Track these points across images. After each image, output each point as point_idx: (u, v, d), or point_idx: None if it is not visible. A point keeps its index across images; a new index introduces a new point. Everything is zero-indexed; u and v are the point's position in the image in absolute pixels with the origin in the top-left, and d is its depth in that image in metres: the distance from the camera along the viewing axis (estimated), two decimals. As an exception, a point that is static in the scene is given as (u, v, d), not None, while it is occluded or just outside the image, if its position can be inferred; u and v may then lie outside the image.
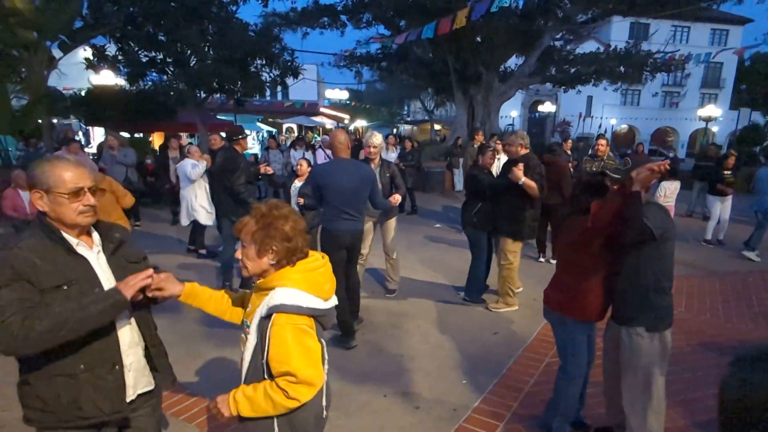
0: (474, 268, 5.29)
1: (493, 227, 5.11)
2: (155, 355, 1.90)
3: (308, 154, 11.89)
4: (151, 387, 1.89)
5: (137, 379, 1.83)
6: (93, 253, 1.74)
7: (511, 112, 35.96)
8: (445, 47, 15.54)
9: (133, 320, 1.82)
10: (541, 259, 6.95)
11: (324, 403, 1.80)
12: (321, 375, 1.69)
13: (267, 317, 1.61)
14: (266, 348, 1.60)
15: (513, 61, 19.27)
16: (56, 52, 12.05)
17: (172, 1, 11.53)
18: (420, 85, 26.07)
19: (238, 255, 1.73)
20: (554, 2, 15.06)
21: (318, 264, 1.76)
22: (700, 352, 4.23)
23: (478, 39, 15.56)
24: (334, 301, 1.80)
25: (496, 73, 17.03)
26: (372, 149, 4.99)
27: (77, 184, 1.65)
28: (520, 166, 4.58)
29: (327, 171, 4.37)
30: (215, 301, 1.92)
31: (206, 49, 12.33)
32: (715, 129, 36.63)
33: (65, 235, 1.67)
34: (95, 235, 1.78)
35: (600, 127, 35.38)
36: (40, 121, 11.86)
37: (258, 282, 1.72)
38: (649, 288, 2.49)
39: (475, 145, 10.36)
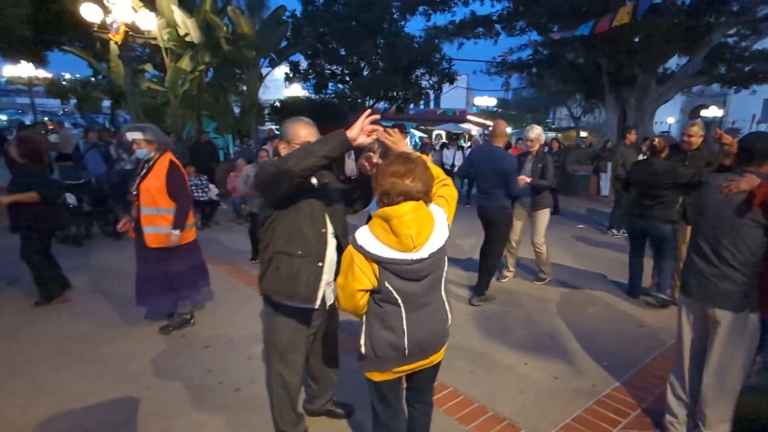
0: (668, 264, 4.61)
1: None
2: None
3: (458, 153, 12.17)
4: (331, 301, 2.29)
5: (328, 284, 2.24)
6: None
7: (667, 119, 31.79)
8: (599, 49, 14.37)
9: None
10: None
11: (406, 345, 1.80)
12: (345, 301, 1.82)
13: None
14: None
15: (674, 61, 17.06)
16: (263, 70, 13.96)
17: (354, 21, 12.57)
18: (569, 91, 24.42)
19: None
20: (729, -6, 12.94)
21: (397, 213, 1.68)
22: None
23: (636, 39, 14.09)
24: (416, 254, 1.73)
25: (653, 75, 15.22)
26: (528, 142, 5.11)
27: (307, 138, 2.12)
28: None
29: (475, 154, 5.21)
30: None
31: (377, 61, 13.21)
32: None
33: None
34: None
35: (778, 131, 29.32)
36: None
37: None
38: None
39: (641, 145, 9.46)
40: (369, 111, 1.89)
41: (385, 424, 2.03)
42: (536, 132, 5.14)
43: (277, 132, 15.61)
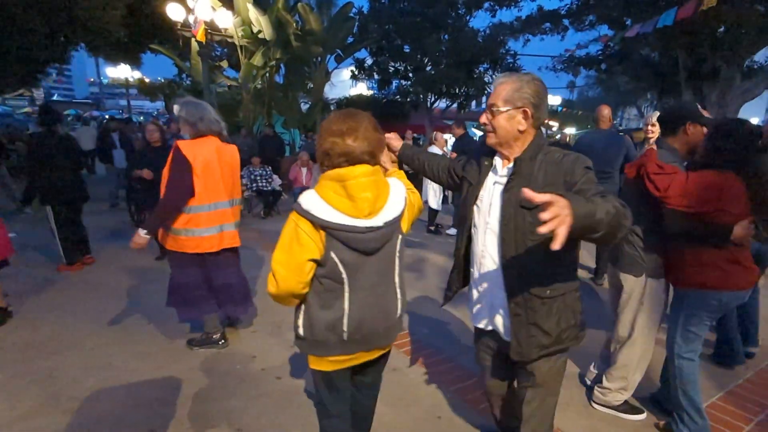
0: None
1: None
2: None
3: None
4: None
5: None
6: None
7: (751, 118, 28.39)
8: (677, 41, 12.92)
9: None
10: None
11: (345, 327, 1.54)
12: (288, 277, 1.45)
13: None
14: None
15: (762, 54, 15.05)
16: (329, 67, 13.91)
17: (419, 17, 12.16)
18: (641, 88, 22.43)
19: None
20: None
21: (354, 173, 1.46)
22: None
23: (721, 29, 12.53)
24: (369, 222, 1.49)
25: (738, 69, 13.48)
26: (650, 127, 4.53)
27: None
28: None
29: (586, 138, 5.13)
30: None
31: (440, 57, 12.70)
32: None
33: None
34: None
35: None
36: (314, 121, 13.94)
37: None
38: None
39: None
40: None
41: (331, 414, 1.73)
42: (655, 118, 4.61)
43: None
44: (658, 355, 2.65)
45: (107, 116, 12.16)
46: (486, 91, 14.06)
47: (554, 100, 28.96)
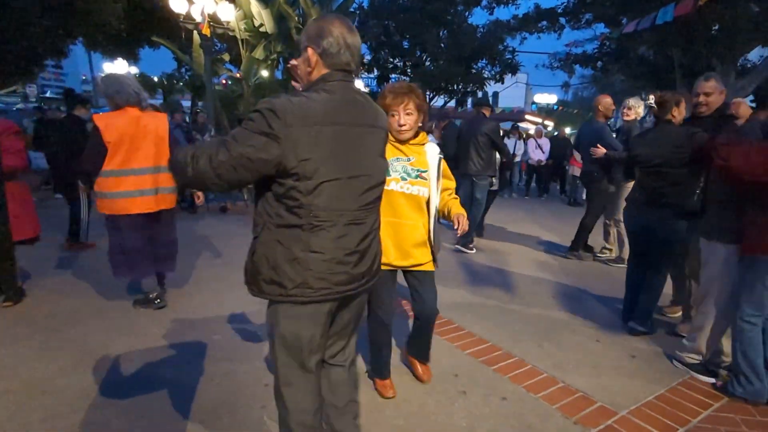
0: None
1: None
2: None
3: (519, 143, 11.70)
4: None
5: None
6: None
7: (743, 115, 28.72)
8: (673, 40, 13.17)
9: None
10: None
11: None
12: None
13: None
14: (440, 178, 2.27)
15: (756, 53, 15.36)
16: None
17: (418, 12, 12.30)
18: (637, 87, 22.73)
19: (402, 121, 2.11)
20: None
21: None
22: None
23: (716, 27, 12.78)
24: None
25: (733, 67, 13.74)
26: (625, 110, 4.99)
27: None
28: None
29: (580, 129, 5.67)
30: None
31: (440, 53, 12.83)
32: None
33: None
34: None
35: None
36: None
37: (414, 140, 2.21)
38: None
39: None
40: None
41: None
42: (631, 102, 4.97)
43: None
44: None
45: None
46: (484, 87, 14.27)
47: (550, 98, 29.32)
